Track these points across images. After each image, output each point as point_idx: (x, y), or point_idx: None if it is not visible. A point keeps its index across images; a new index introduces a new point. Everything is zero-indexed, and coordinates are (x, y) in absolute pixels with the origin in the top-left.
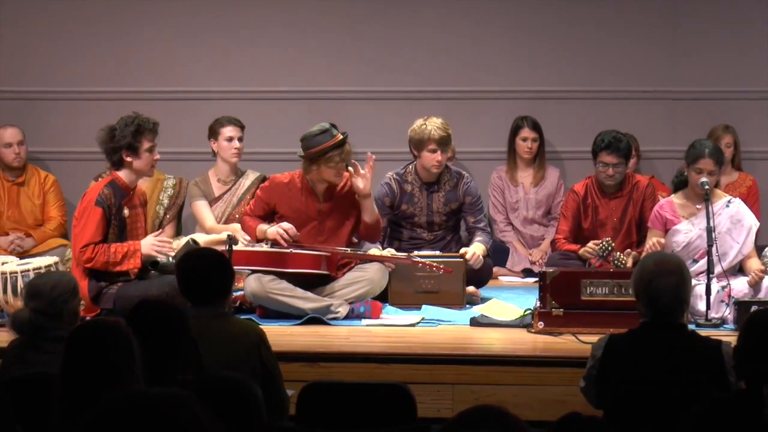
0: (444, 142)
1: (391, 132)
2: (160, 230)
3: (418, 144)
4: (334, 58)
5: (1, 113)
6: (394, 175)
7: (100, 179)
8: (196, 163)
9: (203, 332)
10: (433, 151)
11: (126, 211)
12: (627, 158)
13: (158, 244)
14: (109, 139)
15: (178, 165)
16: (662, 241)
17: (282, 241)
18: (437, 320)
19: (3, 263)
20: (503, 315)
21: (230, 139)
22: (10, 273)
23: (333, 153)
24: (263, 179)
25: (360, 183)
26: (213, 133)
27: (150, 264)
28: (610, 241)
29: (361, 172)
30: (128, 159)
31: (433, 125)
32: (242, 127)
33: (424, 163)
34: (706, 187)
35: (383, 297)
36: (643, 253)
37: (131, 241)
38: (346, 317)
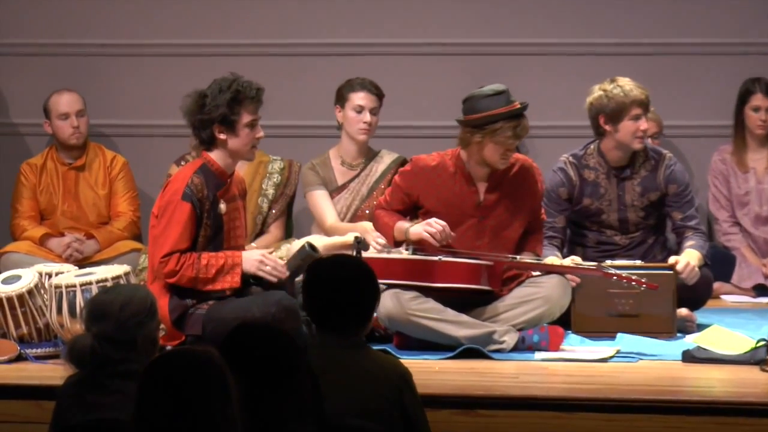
0: (648, 105)
1: (569, 98)
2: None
3: (615, 112)
4: (496, 1)
5: (57, 75)
6: (571, 159)
7: (184, 163)
8: (313, 141)
9: (329, 367)
10: (638, 118)
11: (222, 206)
12: None
13: (269, 263)
14: (198, 110)
15: (288, 143)
16: None
17: (433, 243)
18: (637, 354)
19: (57, 273)
20: (727, 347)
21: (360, 110)
22: (67, 287)
23: (505, 125)
24: (403, 163)
25: None
26: (340, 98)
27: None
28: None
29: None
30: (222, 136)
31: (629, 85)
32: (380, 97)
33: (623, 137)
34: None
35: (564, 321)
36: None
37: (229, 252)
38: (514, 349)
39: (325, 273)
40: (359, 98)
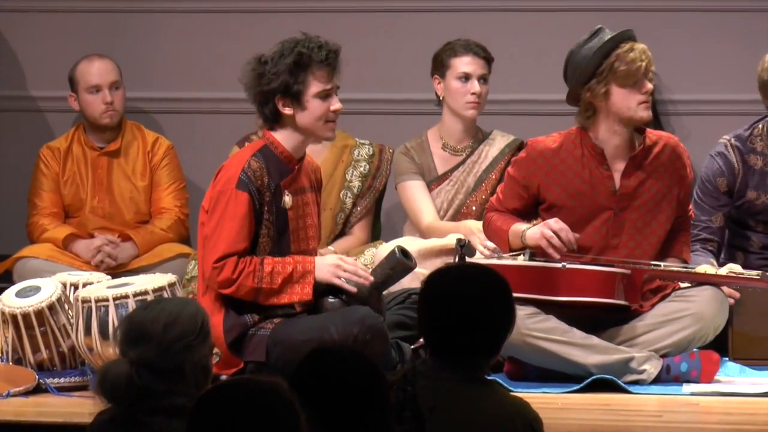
0: None
1: (729, 66)
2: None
3: None
4: None
5: (85, 37)
6: (734, 141)
7: (246, 144)
8: (406, 120)
9: (441, 403)
10: None
11: (288, 199)
12: None
13: (348, 267)
14: (257, 79)
15: (375, 123)
16: None
17: (552, 251)
18: None
19: (84, 284)
20: None
21: (466, 78)
22: (97, 301)
23: (620, 53)
24: (520, 147)
25: None
26: (439, 65)
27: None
28: None
29: None
30: (287, 111)
31: None
32: (488, 61)
33: None
34: None
35: (720, 346)
36: None
37: (299, 257)
38: (657, 380)
39: (449, 287)
40: (464, 64)
